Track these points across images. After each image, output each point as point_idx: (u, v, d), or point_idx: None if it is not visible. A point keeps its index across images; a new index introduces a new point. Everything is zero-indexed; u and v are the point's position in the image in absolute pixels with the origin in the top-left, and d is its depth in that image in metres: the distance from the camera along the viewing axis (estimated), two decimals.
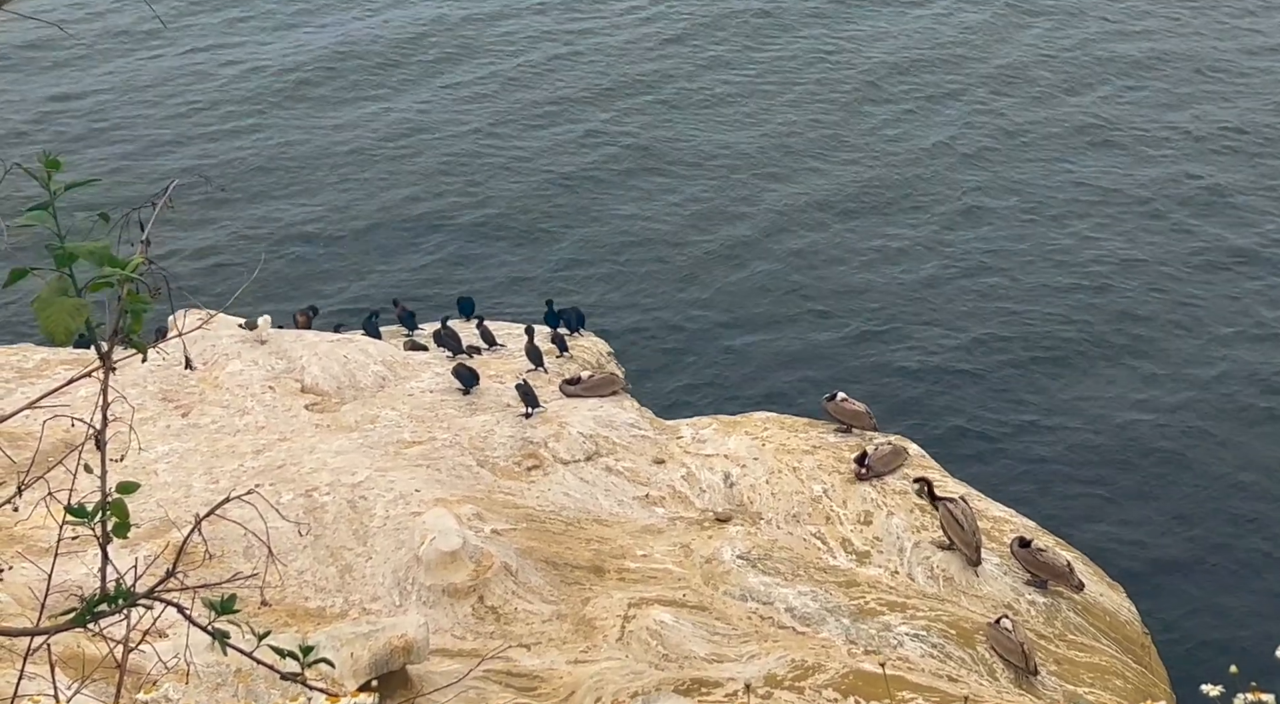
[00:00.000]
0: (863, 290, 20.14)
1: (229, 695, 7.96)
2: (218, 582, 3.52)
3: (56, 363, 13.26)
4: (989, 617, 9.95)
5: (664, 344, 18.97)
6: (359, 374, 12.94)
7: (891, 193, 22.59)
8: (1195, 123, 24.47)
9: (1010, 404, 17.79)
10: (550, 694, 8.84)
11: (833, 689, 8.84)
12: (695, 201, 22.40)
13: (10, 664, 7.29)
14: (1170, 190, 22.51)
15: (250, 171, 23.19)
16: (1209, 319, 19.36)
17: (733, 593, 10.07)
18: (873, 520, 11.05)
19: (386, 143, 24.13)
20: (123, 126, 24.45)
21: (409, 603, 9.65)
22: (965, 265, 20.69)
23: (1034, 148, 23.91)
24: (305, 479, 10.85)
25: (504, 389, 12.71)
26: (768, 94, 25.69)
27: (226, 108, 25.18)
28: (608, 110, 25.09)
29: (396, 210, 22.20)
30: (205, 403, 12.34)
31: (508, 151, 23.86)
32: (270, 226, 21.68)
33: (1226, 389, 17.96)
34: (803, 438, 12.11)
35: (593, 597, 9.94)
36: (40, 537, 9.55)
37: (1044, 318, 19.46)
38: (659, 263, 20.82)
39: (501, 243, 21.37)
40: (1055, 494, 16.13)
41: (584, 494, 11.25)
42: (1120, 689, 9.63)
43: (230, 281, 19.29)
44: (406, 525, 10.21)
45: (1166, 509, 16.04)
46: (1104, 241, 21.21)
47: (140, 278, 2.62)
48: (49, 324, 2.58)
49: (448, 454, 11.49)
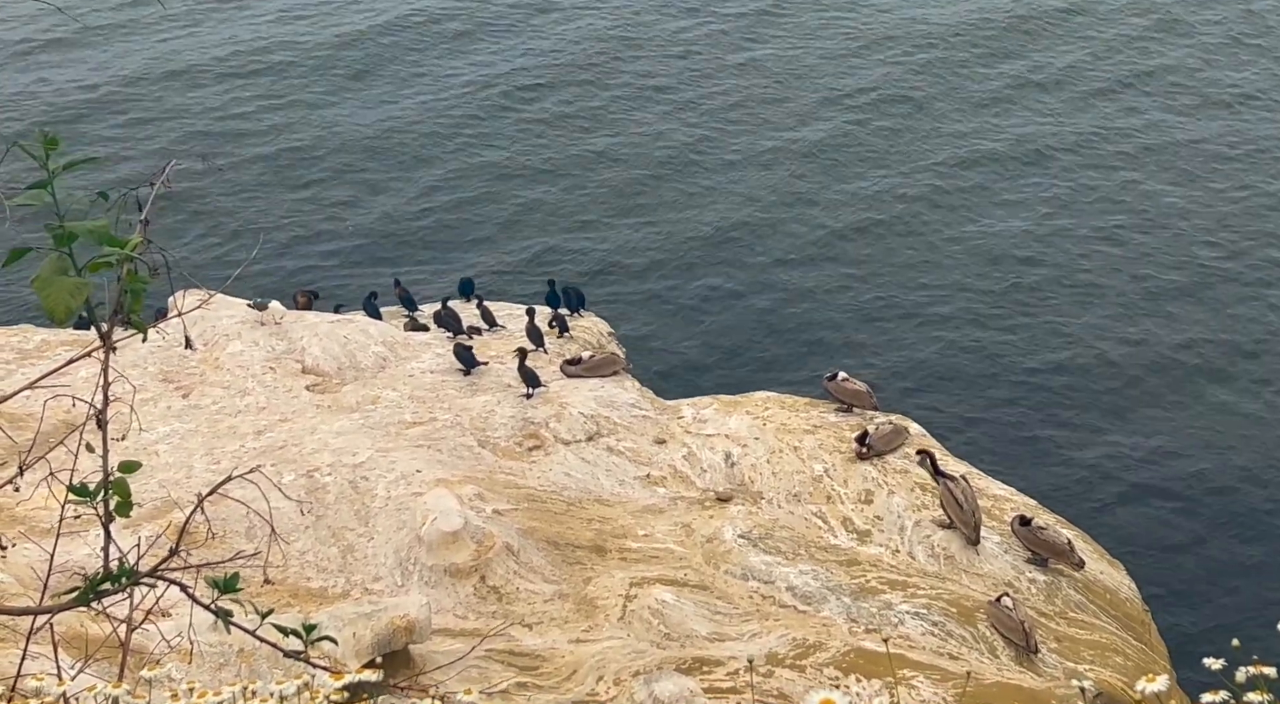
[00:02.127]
0: (865, 270, 20.12)
1: (232, 675, 7.99)
2: (220, 561, 3.53)
3: (57, 344, 13.26)
4: (990, 595, 9.97)
5: (665, 324, 18.96)
6: (359, 355, 12.94)
7: (892, 174, 22.54)
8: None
9: (1012, 384, 17.79)
10: (552, 673, 8.87)
11: (834, 667, 8.87)
12: (696, 182, 22.36)
13: (13, 644, 7.32)
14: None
15: (251, 151, 23.13)
16: (1214, 289, 19.35)
17: (734, 572, 10.10)
18: (874, 499, 11.06)
19: (387, 124, 24.07)
20: (122, 106, 24.38)
21: (411, 583, 9.67)
22: (967, 246, 20.66)
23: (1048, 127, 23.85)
24: (307, 460, 10.86)
25: (504, 370, 12.71)
26: (767, 73, 25.61)
27: (227, 88, 25.10)
28: (606, 94, 25.01)
29: (398, 191, 22.16)
30: (206, 384, 12.34)
31: (507, 135, 23.80)
32: (271, 206, 21.64)
33: (1223, 362, 17.96)
34: (804, 417, 12.12)
35: (594, 576, 9.96)
36: (42, 517, 9.57)
37: (1045, 297, 19.45)
38: (659, 243, 20.79)
39: (501, 223, 21.33)
40: (1055, 472, 16.15)
41: (585, 474, 11.27)
42: (1120, 666, 9.66)
43: (229, 262, 19.27)
44: (408, 506, 10.23)
45: (1167, 487, 16.06)
46: (1107, 220, 21.18)
47: (139, 257, 2.62)
48: (49, 303, 2.57)
49: (449, 435, 11.50)
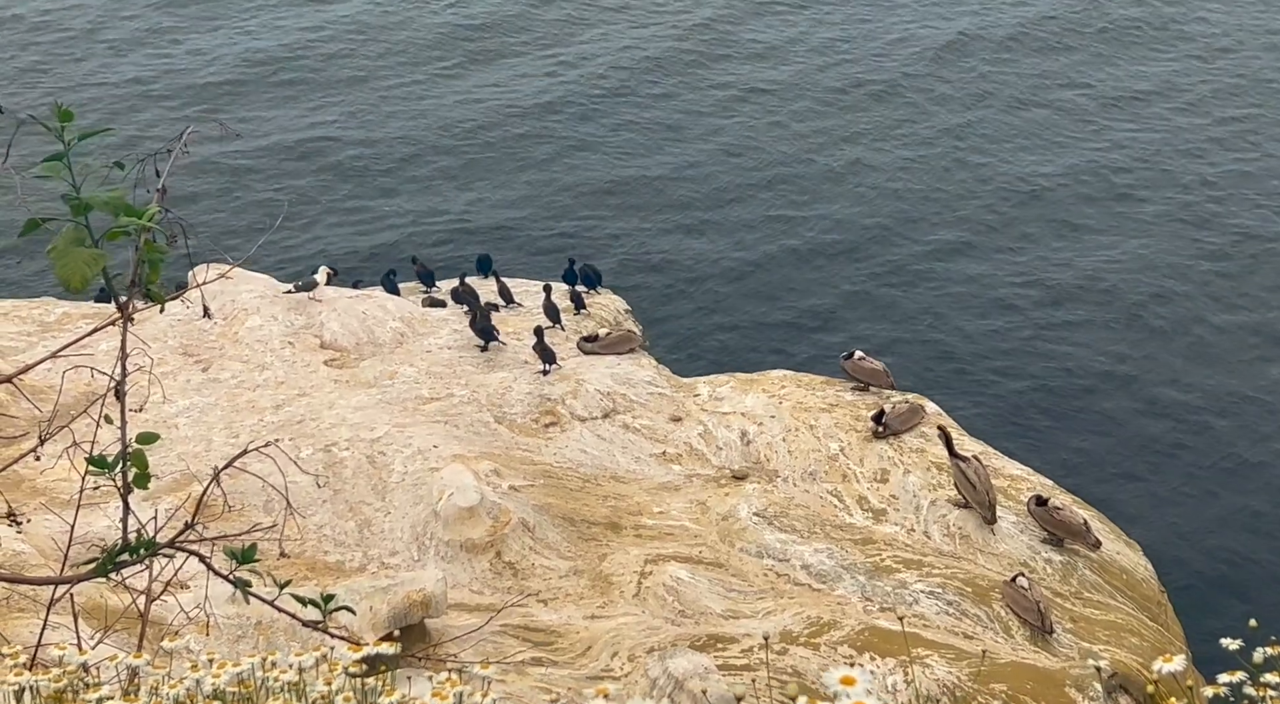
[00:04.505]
0: (882, 249, 20.05)
1: (249, 648, 8.05)
2: (237, 533, 3.55)
3: (78, 317, 13.32)
4: (1005, 575, 9.96)
5: (682, 302, 18.93)
6: (377, 330, 12.96)
7: (910, 154, 22.42)
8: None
9: (1029, 364, 17.73)
10: (567, 649, 8.91)
11: (848, 645, 8.88)
12: (714, 163, 22.29)
13: (34, 614, 7.38)
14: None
15: (272, 125, 23.14)
16: (1233, 281, 19.22)
17: (749, 550, 10.11)
18: (889, 478, 11.05)
19: (410, 99, 24.04)
20: (136, 75, 24.41)
21: (427, 557, 9.72)
22: (985, 224, 20.56)
23: (1040, 114, 23.69)
24: (324, 434, 10.91)
25: (521, 346, 12.72)
26: (786, 65, 25.48)
27: (244, 60, 25.10)
28: (627, 75, 24.92)
29: (417, 168, 22.15)
30: (225, 358, 12.39)
31: (529, 115, 23.75)
32: (290, 181, 21.65)
33: (1248, 348, 17.86)
34: (820, 396, 12.10)
35: (609, 553, 9.99)
36: (62, 488, 9.64)
37: (1063, 279, 19.35)
38: (677, 222, 20.74)
39: (519, 202, 21.31)
40: (1072, 452, 16.10)
41: (601, 451, 11.28)
42: (1136, 647, 9.65)
43: (249, 234, 19.30)
44: (425, 481, 10.26)
45: (1184, 467, 16.00)
46: (1120, 207, 21.05)
47: (157, 226, 2.62)
48: (64, 273, 2.58)
49: (466, 410, 11.53)
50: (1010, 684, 8.62)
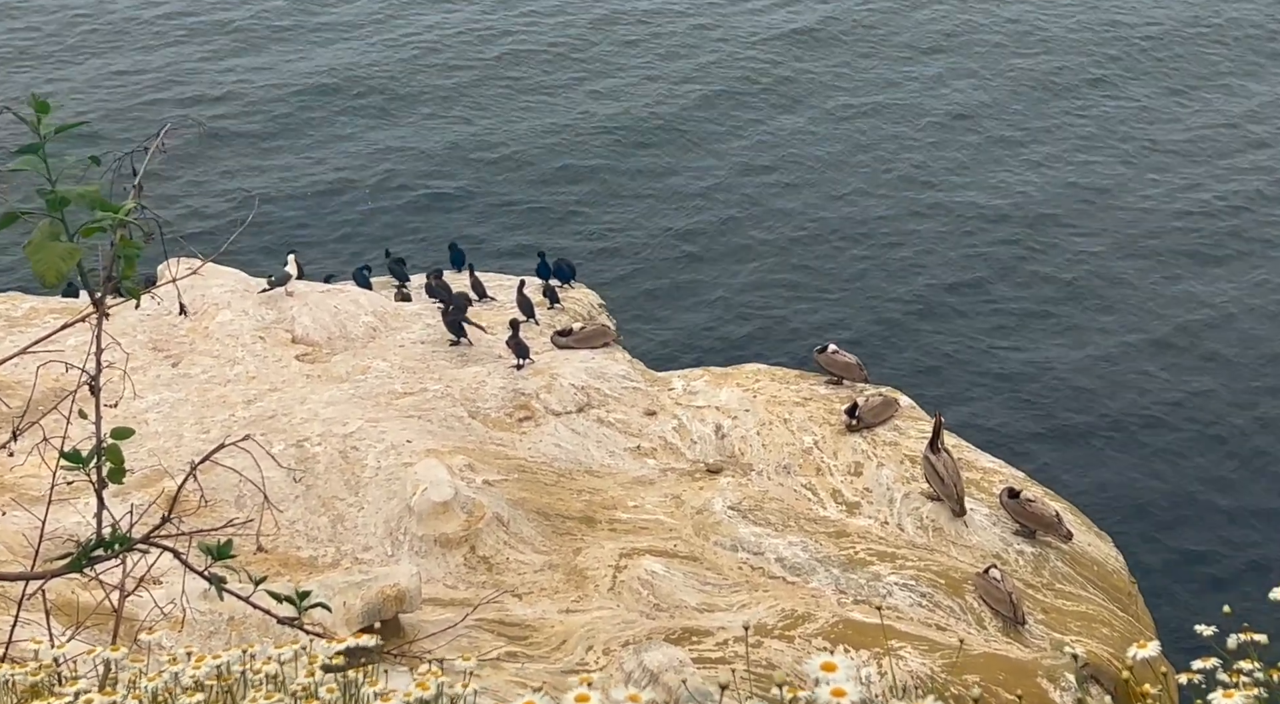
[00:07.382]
0: (855, 243, 20.11)
1: (222, 643, 8.00)
2: (211, 528, 3.53)
3: (45, 311, 13.20)
4: (978, 567, 10.02)
5: (655, 296, 18.94)
6: (350, 325, 12.91)
7: (880, 148, 22.50)
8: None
9: (1001, 356, 17.84)
10: (542, 643, 8.90)
11: (822, 638, 8.92)
12: (691, 158, 22.29)
13: (5, 610, 7.32)
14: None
15: (245, 119, 23.00)
16: (1199, 267, 19.39)
17: (723, 543, 10.13)
18: (863, 471, 11.10)
19: (385, 90, 23.94)
20: (112, 70, 24.20)
21: (401, 553, 9.69)
22: (958, 217, 20.66)
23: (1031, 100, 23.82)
24: (296, 429, 10.85)
25: (495, 341, 12.69)
26: (764, 59, 25.52)
27: (220, 52, 24.93)
28: (608, 78, 24.90)
29: (391, 161, 22.06)
30: (195, 352, 12.31)
31: (498, 105, 23.69)
32: (263, 175, 21.53)
33: (1216, 336, 18.02)
34: (794, 389, 12.13)
35: (584, 547, 9.99)
36: (33, 484, 9.56)
37: (1033, 271, 19.47)
38: (650, 215, 20.74)
39: (495, 196, 21.26)
40: (1044, 444, 16.21)
41: (575, 445, 11.28)
42: (1107, 637, 9.73)
43: (219, 229, 19.18)
44: (398, 476, 10.23)
45: (1154, 458, 16.13)
46: (1106, 196, 21.20)
47: (134, 222, 2.60)
48: (40, 267, 2.56)
49: (439, 405, 11.49)
50: (983, 675, 8.67)
